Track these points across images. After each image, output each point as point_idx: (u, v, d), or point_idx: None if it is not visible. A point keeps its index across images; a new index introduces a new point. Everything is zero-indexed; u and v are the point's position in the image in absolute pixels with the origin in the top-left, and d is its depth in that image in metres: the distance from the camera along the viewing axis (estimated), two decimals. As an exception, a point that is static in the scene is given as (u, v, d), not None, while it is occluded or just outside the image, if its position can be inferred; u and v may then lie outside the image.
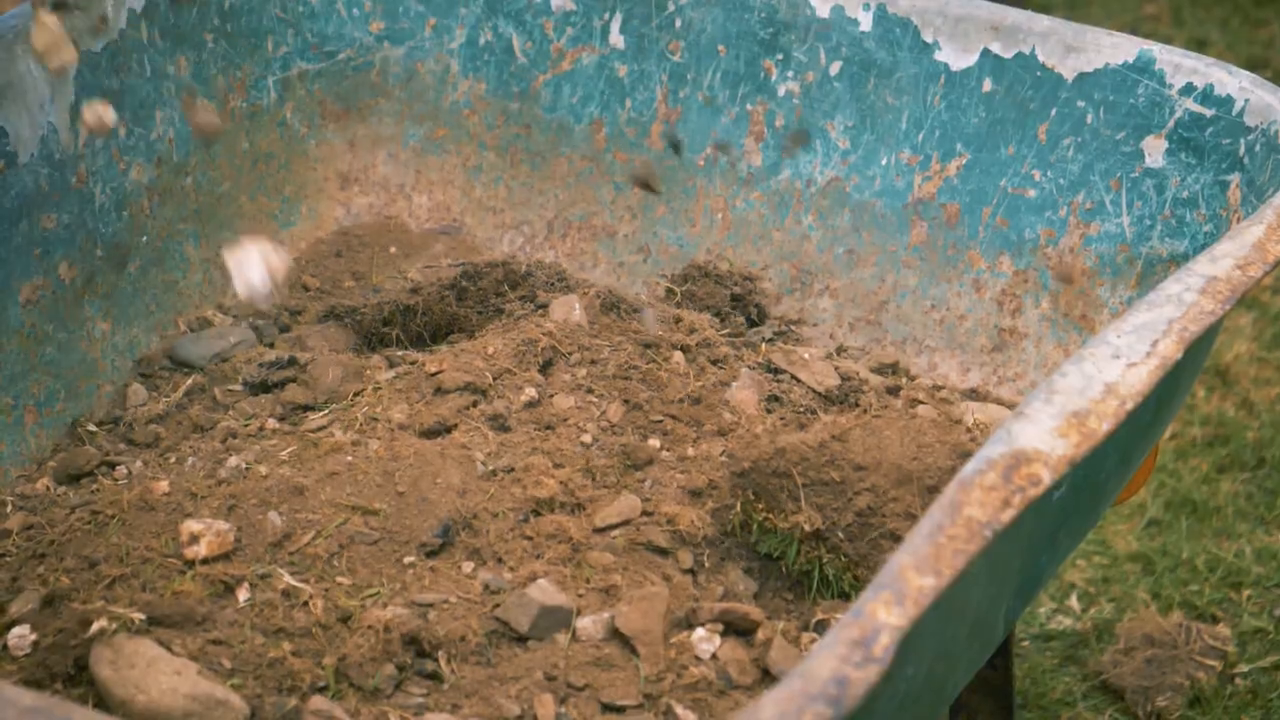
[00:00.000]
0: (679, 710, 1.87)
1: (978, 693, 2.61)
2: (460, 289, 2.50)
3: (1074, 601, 3.28)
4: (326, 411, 2.30)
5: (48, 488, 2.27)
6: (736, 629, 1.99)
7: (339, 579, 2.00)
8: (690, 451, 2.21)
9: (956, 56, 2.56)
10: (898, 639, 1.39)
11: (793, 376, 2.36)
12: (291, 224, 2.80)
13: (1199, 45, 5.20)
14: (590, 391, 2.27)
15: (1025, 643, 3.18)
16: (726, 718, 1.86)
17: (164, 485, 2.14)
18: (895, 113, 2.61)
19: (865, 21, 2.61)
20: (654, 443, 2.22)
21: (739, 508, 2.06)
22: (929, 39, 2.58)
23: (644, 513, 2.12)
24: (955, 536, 1.50)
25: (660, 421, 2.25)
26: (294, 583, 1.98)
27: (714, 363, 2.36)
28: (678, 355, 2.34)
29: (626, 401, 2.26)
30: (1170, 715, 3.01)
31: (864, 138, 2.64)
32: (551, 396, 2.26)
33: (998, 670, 2.60)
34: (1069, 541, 2.09)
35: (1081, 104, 2.49)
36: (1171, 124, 2.44)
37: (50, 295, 2.38)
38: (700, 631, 1.96)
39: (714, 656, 1.95)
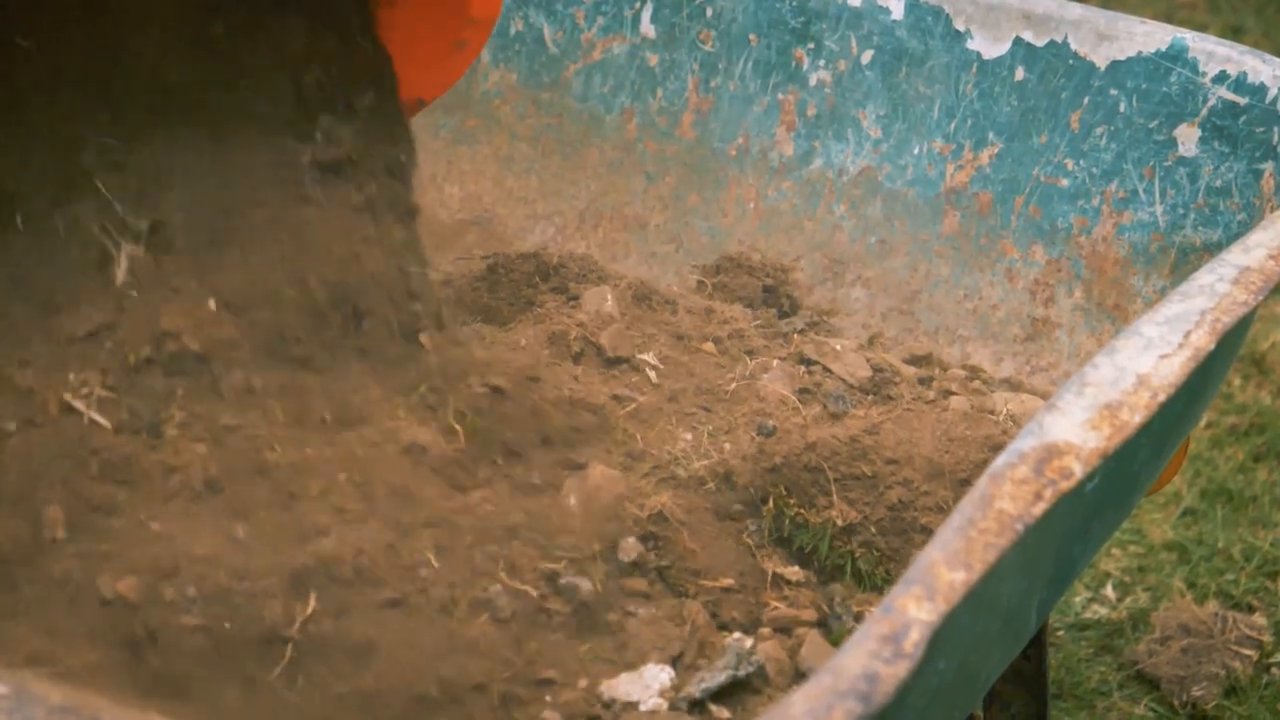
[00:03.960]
0: (712, 707, 1.86)
1: (1011, 683, 2.60)
2: (491, 280, 2.49)
3: (1109, 591, 3.27)
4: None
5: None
6: (777, 626, 1.98)
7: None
8: (726, 445, 2.20)
9: (988, 45, 2.55)
10: (928, 634, 1.38)
11: (825, 368, 2.35)
12: (323, 216, 2.80)
13: (1234, 33, 5.17)
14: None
15: (1060, 632, 3.17)
16: (758, 713, 1.85)
17: None
18: (927, 101, 2.60)
19: (897, 10, 2.60)
20: (686, 435, 2.21)
21: (771, 502, 2.05)
22: (961, 27, 2.56)
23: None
24: (986, 530, 1.49)
25: (692, 414, 2.24)
26: None
27: (746, 354, 2.35)
28: (710, 346, 2.33)
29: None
30: (1206, 705, 2.99)
31: (896, 127, 2.63)
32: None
33: (1031, 661, 2.59)
34: (1102, 532, 2.08)
35: (1114, 92, 2.48)
36: (1205, 112, 2.42)
37: None
38: (736, 632, 1.95)
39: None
